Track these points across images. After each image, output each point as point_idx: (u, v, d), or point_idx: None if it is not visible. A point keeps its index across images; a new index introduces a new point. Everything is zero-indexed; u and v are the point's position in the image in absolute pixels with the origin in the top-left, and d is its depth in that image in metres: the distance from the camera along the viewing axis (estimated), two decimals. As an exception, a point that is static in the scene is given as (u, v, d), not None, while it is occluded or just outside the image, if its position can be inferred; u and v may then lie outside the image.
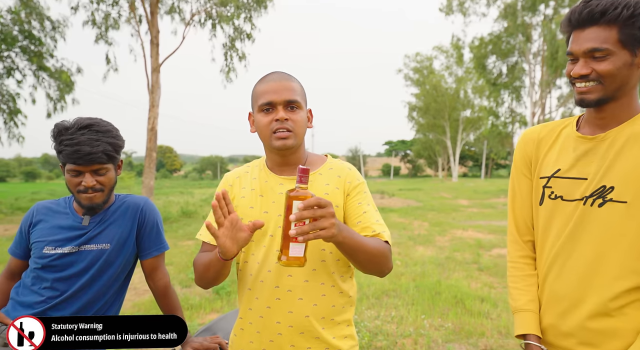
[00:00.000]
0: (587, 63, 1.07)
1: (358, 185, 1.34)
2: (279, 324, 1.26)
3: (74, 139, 1.44)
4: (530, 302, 1.23)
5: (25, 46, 11.10)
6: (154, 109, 10.13)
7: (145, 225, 1.64)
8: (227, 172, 1.53)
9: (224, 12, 10.52)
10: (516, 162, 1.32)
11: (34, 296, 1.50)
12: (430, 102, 38.63)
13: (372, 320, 3.96)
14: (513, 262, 1.31)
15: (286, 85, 1.27)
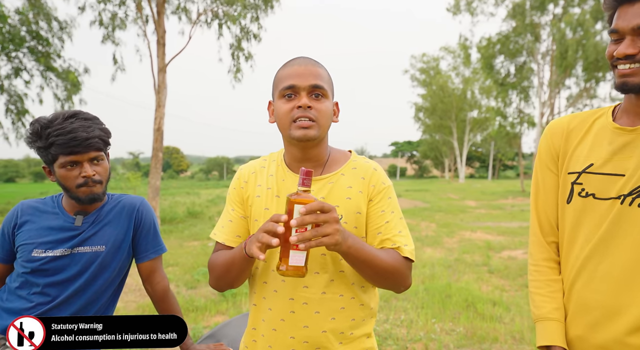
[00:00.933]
0: (635, 42, 0.96)
1: (383, 190, 1.20)
2: (292, 339, 1.15)
3: (65, 127, 1.36)
4: (555, 310, 1.12)
5: (32, 47, 11.14)
6: (160, 109, 10.10)
7: (142, 227, 1.56)
8: (234, 173, 1.43)
9: (230, 12, 10.48)
10: (541, 155, 1.19)
11: (22, 302, 1.42)
12: (436, 103, 38.42)
13: (381, 324, 3.87)
14: (536, 265, 1.18)
15: (312, 70, 1.13)
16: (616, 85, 1.02)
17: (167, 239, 8.84)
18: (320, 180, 1.20)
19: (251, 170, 1.28)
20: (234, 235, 1.25)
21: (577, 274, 1.09)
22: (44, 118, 1.41)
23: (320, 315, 1.15)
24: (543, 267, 1.18)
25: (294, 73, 1.13)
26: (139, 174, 11.93)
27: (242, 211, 1.26)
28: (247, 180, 1.27)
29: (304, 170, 0.96)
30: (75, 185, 1.41)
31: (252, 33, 10.90)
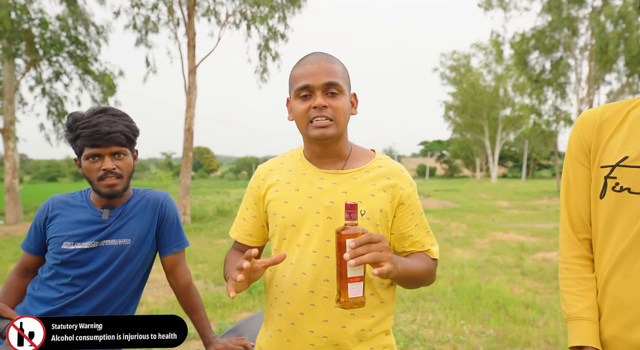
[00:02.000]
0: None
1: (412, 193, 1.22)
2: (311, 333, 1.14)
3: (91, 121, 1.41)
4: (587, 310, 1.07)
5: (72, 51, 11.60)
6: (191, 110, 10.32)
7: (165, 221, 1.58)
8: None
9: (258, 13, 10.59)
10: (571, 148, 1.14)
11: (52, 292, 1.46)
12: (467, 101, 37.59)
13: (407, 325, 3.81)
14: (566, 262, 1.14)
15: (325, 68, 1.13)
16: None
17: (196, 236, 9.03)
18: (343, 174, 1.19)
19: (269, 168, 1.29)
20: (245, 233, 1.30)
21: (612, 272, 1.04)
22: (77, 112, 1.48)
23: (340, 310, 1.13)
24: (574, 264, 1.13)
25: (307, 72, 1.13)
26: (170, 173, 12.24)
27: (255, 211, 1.28)
28: (264, 178, 1.27)
29: (348, 204, 0.96)
30: (96, 177, 1.45)
31: (279, 33, 10.98)
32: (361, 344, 1.16)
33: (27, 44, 10.75)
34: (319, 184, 1.18)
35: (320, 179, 1.19)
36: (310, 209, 1.16)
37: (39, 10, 10.71)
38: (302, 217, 1.16)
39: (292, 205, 1.18)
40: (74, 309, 1.45)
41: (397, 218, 1.20)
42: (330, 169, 1.21)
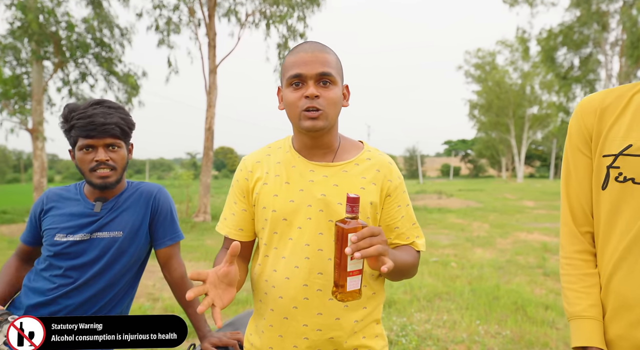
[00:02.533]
0: None
1: (399, 185, 1.20)
2: (305, 326, 1.13)
3: (86, 112, 1.42)
4: (591, 308, 1.01)
5: (97, 53, 11.92)
6: (211, 110, 10.44)
7: (159, 213, 1.57)
8: None
9: (277, 12, 10.63)
10: (571, 136, 1.08)
11: (46, 283, 1.47)
12: (492, 99, 36.80)
13: (421, 324, 3.73)
14: (568, 257, 1.08)
15: (319, 57, 1.09)
16: None
17: (217, 234, 9.13)
18: (333, 167, 1.18)
19: (255, 160, 1.25)
20: (236, 228, 1.25)
21: (616, 268, 0.98)
22: (73, 103, 1.48)
23: (334, 302, 1.12)
24: (576, 259, 1.07)
25: (300, 61, 1.10)
26: (190, 172, 12.40)
27: (245, 204, 1.24)
28: (251, 170, 1.23)
29: (351, 197, 0.94)
30: (89, 168, 1.45)
31: (298, 32, 10.99)
32: (355, 334, 1.16)
33: (55, 46, 11.09)
34: (310, 177, 1.16)
35: (311, 171, 1.17)
36: (302, 202, 1.14)
37: (65, 13, 11.04)
38: (293, 210, 1.14)
39: (283, 199, 1.16)
40: (67, 300, 1.45)
41: (384, 210, 1.19)
42: (320, 161, 1.19)
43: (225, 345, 1.53)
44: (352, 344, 1.16)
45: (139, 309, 4.15)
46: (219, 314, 0.94)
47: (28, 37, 10.60)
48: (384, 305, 4.25)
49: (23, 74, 11.96)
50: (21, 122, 11.62)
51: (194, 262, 6.46)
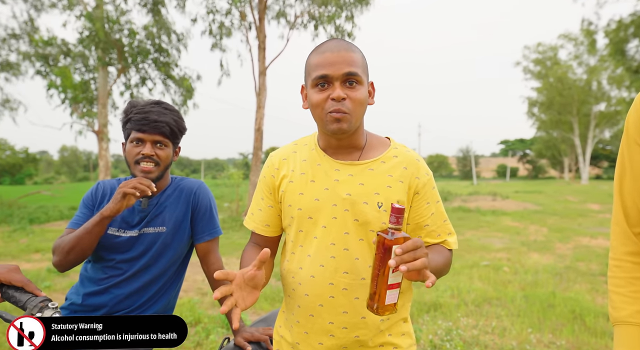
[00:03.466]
0: None
1: (428, 182, 1.16)
2: (331, 324, 1.12)
3: (144, 109, 1.50)
4: (637, 313, 0.94)
5: (156, 58, 12.60)
6: (260, 111, 10.67)
7: (198, 209, 1.61)
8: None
9: (325, 13, 10.67)
10: (629, 129, 1.00)
11: (99, 273, 1.55)
12: (554, 96, 34.74)
13: (468, 330, 3.58)
14: (617, 259, 1.01)
15: (345, 56, 1.06)
16: None
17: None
18: (359, 165, 1.16)
19: (282, 157, 1.25)
20: (263, 224, 1.25)
21: None
22: (135, 100, 1.57)
23: (360, 301, 1.11)
24: (626, 262, 0.99)
25: (326, 61, 1.07)
26: (241, 172, 12.77)
27: (271, 200, 1.24)
28: (278, 167, 1.23)
29: (396, 208, 0.92)
30: (134, 160, 1.51)
31: (346, 32, 10.97)
32: (381, 333, 1.14)
33: (118, 53, 11.85)
34: (335, 176, 1.15)
35: (336, 170, 1.15)
36: (327, 201, 1.13)
37: (128, 21, 11.75)
38: (318, 209, 1.14)
39: (308, 197, 1.15)
40: (117, 289, 1.53)
41: (413, 208, 1.16)
42: (345, 159, 1.17)
43: (258, 340, 1.55)
44: (377, 341, 1.14)
45: (188, 302, 4.32)
46: (238, 316, 0.93)
47: (95, 45, 11.39)
48: (428, 308, 4.13)
49: (90, 80, 12.88)
50: (88, 124, 12.51)
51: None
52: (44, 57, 12.54)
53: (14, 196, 19.47)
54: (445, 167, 70.67)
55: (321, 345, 1.13)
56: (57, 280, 5.34)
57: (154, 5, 11.88)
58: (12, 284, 1.08)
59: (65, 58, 12.77)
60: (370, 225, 1.10)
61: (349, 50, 1.09)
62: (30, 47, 15.97)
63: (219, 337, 3.43)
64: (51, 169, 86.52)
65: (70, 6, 11.56)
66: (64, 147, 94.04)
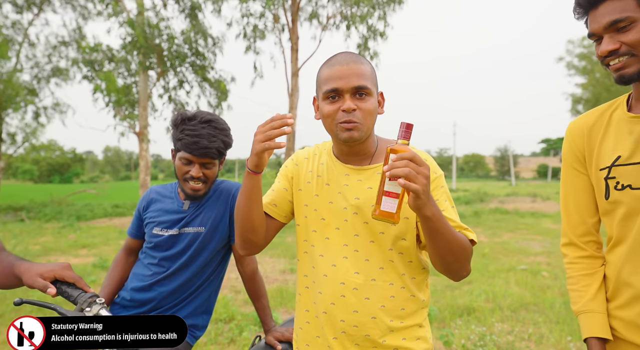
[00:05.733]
0: (613, 38, 1.00)
1: (436, 179, 1.18)
2: (343, 322, 1.16)
3: (195, 130, 1.54)
4: (590, 302, 1.14)
5: (193, 61, 12.96)
6: (293, 111, 10.79)
7: None
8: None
9: (357, 12, 10.66)
10: (566, 157, 1.22)
11: (145, 270, 1.66)
12: (600, 93, 33.04)
13: (503, 335, 3.50)
14: (570, 263, 1.21)
15: (354, 69, 1.11)
16: (615, 80, 1.04)
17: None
18: (367, 170, 1.20)
19: (304, 156, 1.32)
20: (271, 202, 1.28)
21: (624, 263, 1.07)
22: (186, 113, 1.62)
23: (370, 302, 1.14)
24: (577, 263, 1.19)
25: (336, 75, 1.12)
26: (274, 171, 12.96)
27: (286, 183, 1.29)
28: (298, 164, 1.30)
29: (404, 124, 0.98)
30: (183, 178, 1.61)
31: (378, 32, 10.91)
32: (392, 334, 1.15)
33: (157, 57, 12.28)
34: (345, 181, 1.20)
35: (346, 175, 1.21)
36: (339, 205, 1.18)
37: (166, 27, 12.16)
38: (331, 211, 1.19)
39: (323, 199, 1.21)
40: (160, 287, 1.62)
41: None
42: (356, 164, 1.21)
43: (288, 340, 1.60)
44: (391, 343, 1.15)
45: (222, 299, 4.44)
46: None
47: (136, 50, 11.87)
48: (461, 312, 4.06)
49: (132, 84, 13.42)
50: (130, 126, 13.05)
51: (274, 259, 6.74)
52: (90, 63, 13.18)
53: (63, 194, 20.58)
54: (482, 167, 68.74)
55: (335, 340, 1.17)
56: (102, 274, 5.62)
57: (192, 10, 12.24)
58: (65, 280, 1.14)
59: (110, 63, 13.37)
60: (379, 228, 1.13)
61: (358, 63, 1.13)
62: (77, 53, 16.82)
63: (251, 334, 3.51)
64: (96, 168, 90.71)
65: (115, 14, 12.09)
66: (107, 147, 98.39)
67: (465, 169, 77.22)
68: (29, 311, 4.21)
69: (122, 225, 11.75)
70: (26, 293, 4.32)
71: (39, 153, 32.12)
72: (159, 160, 60.57)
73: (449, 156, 78.49)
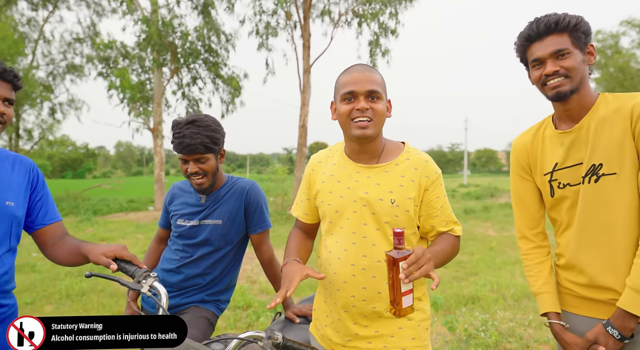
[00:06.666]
0: (555, 62, 1.29)
1: (436, 179, 1.37)
2: (353, 297, 1.35)
3: (180, 132, 1.73)
4: (544, 285, 1.43)
5: (206, 58, 13.21)
6: (305, 108, 10.97)
7: (250, 206, 1.86)
8: None
9: (369, 10, 10.77)
10: (514, 168, 1.51)
11: (173, 254, 1.87)
12: (614, 87, 32.55)
13: (505, 322, 3.67)
14: (525, 254, 1.50)
15: (368, 77, 1.31)
16: (550, 97, 1.33)
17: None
18: (376, 168, 1.38)
19: (318, 160, 1.52)
20: (303, 213, 1.55)
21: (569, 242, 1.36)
22: (176, 120, 1.81)
23: (376, 280, 1.32)
24: (532, 254, 1.48)
25: (352, 80, 1.32)
26: (286, 167, 13.16)
27: (309, 194, 1.51)
28: (314, 168, 1.51)
29: (396, 232, 1.14)
30: (186, 176, 1.81)
31: (389, 29, 11.02)
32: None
33: (171, 54, 12.54)
34: (356, 177, 1.38)
35: (357, 172, 1.39)
36: (349, 198, 1.37)
37: (180, 24, 12.40)
38: (342, 204, 1.38)
39: (335, 195, 1.40)
40: (187, 269, 1.83)
41: (424, 202, 1.37)
42: (366, 163, 1.40)
43: (304, 315, 1.81)
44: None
45: (239, 289, 4.68)
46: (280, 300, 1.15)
47: (151, 47, 12.13)
48: (466, 301, 4.24)
49: (146, 80, 13.71)
50: (144, 122, 13.34)
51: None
52: (105, 60, 13.49)
53: (78, 189, 21.05)
54: (494, 162, 68.09)
55: (346, 313, 1.37)
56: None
57: (204, 7, 12.46)
58: (123, 258, 1.35)
59: (124, 60, 13.65)
60: (385, 218, 1.32)
61: (371, 73, 1.33)
62: (92, 50, 17.16)
63: (267, 319, 3.73)
64: (108, 163, 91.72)
65: (130, 11, 12.36)
66: (119, 142, 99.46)
67: (478, 164, 76.60)
68: (96, 283, 4.50)
69: (137, 220, 12.05)
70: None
71: (52, 148, 32.75)
72: (172, 155, 61.21)
73: (461, 151, 77.83)
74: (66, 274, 5.65)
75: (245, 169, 56.35)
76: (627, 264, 1.25)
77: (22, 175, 1.40)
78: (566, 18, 1.28)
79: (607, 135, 1.26)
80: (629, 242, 1.25)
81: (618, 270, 1.26)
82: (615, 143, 1.25)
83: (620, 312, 1.22)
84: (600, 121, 1.28)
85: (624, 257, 1.25)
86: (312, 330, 1.55)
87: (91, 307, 4.29)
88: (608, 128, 1.26)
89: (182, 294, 1.82)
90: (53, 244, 1.46)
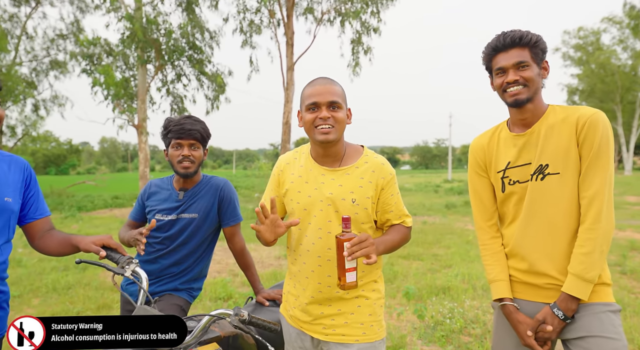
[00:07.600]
0: (516, 72, 1.47)
1: (391, 179, 1.57)
2: (319, 284, 1.55)
3: (179, 122, 1.97)
4: (500, 273, 1.59)
5: (190, 55, 13.23)
6: (288, 105, 11.11)
7: (224, 201, 2.05)
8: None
9: (351, 8, 10.93)
10: (472, 166, 1.69)
11: (150, 247, 2.03)
12: (595, 83, 33.41)
13: (471, 310, 3.90)
14: (484, 244, 1.64)
15: (329, 89, 1.50)
16: (509, 104, 1.51)
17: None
18: (338, 171, 1.57)
19: (286, 161, 1.68)
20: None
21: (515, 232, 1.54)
22: (171, 117, 2.05)
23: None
24: (488, 244, 1.63)
25: (315, 92, 1.51)
26: (270, 163, 13.32)
27: (277, 192, 1.68)
28: (282, 170, 1.67)
29: (345, 218, 1.36)
30: (177, 161, 1.98)
31: (372, 27, 11.19)
32: (354, 289, 1.53)
33: (156, 51, 12.53)
34: (322, 179, 1.57)
35: (322, 174, 1.58)
36: (316, 198, 1.55)
37: (164, 21, 12.39)
38: (310, 203, 1.56)
39: (304, 194, 1.58)
40: (163, 260, 2.01)
41: (381, 199, 1.57)
42: (329, 166, 1.58)
43: (273, 299, 2.01)
44: (353, 294, 1.55)
45: (221, 281, 4.84)
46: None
47: (135, 44, 12.11)
48: (437, 291, 4.47)
49: (130, 77, 13.67)
50: (129, 119, 13.33)
51: (270, 246, 7.10)
52: (89, 56, 13.41)
53: (62, 186, 20.87)
54: (479, 157, 68.62)
55: (313, 298, 1.57)
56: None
57: (189, 4, 12.48)
58: (110, 246, 1.53)
59: (108, 57, 13.59)
60: (347, 215, 1.49)
61: (332, 85, 1.53)
62: (76, 46, 17.01)
63: (247, 310, 3.91)
64: (92, 159, 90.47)
65: (114, 8, 12.30)
66: (103, 138, 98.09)
67: (463, 160, 77.46)
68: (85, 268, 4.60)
69: (122, 216, 12.08)
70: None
71: (36, 145, 32.24)
72: (156, 151, 60.76)
73: (446, 147, 78.59)
74: (52, 268, 5.75)
75: (231, 165, 56.12)
76: (565, 253, 1.43)
77: (18, 174, 1.53)
78: (529, 35, 1.46)
79: (555, 140, 1.45)
80: (568, 234, 1.43)
81: (556, 258, 1.45)
82: (561, 147, 1.43)
83: (565, 296, 1.40)
84: (549, 127, 1.46)
85: (562, 247, 1.43)
86: (282, 311, 1.75)
87: (77, 300, 4.41)
88: (556, 134, 1.45)
89: (157, 282, 1.99)
90: (41, 236, 1.61)
